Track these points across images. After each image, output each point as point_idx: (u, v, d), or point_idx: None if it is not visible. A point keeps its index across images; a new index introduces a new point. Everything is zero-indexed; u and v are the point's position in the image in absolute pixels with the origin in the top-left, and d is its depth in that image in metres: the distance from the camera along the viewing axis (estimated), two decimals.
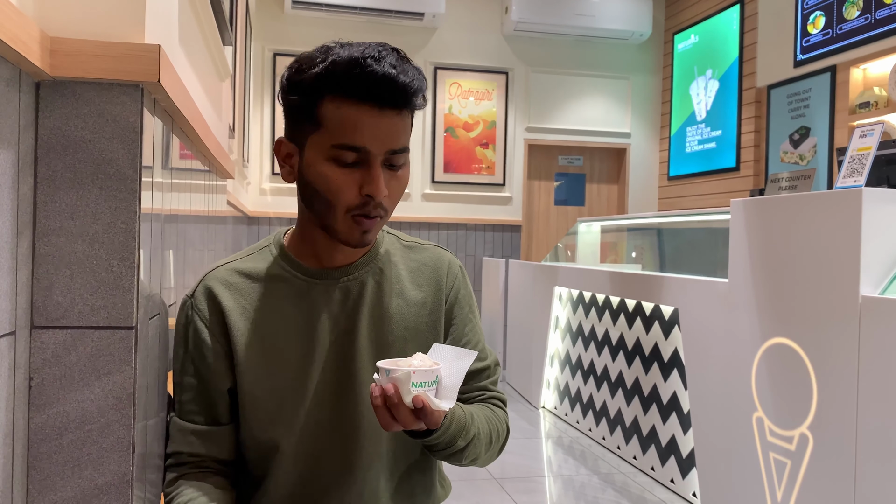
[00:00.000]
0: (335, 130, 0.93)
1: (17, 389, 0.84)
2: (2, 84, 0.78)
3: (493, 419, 1.08)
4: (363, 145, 0.93)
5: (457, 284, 1.12)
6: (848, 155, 2.05)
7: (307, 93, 0.94)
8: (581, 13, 6.11)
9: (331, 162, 0.94)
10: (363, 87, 0.91)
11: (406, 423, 0.87)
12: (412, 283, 1.09)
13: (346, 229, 0.97)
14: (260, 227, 5.85)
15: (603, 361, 3.59)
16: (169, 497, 1.02)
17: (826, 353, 1.96)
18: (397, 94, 0.92)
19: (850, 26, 4.44)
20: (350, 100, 0.92)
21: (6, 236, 0.80)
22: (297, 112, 0.97)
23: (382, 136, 0.93)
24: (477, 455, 1.03)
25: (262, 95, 5.86)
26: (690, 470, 2.78)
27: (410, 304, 1.07)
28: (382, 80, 0.91)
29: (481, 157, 6.33)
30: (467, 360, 0.92)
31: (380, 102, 0.92)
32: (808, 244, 2.04)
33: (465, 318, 1.12)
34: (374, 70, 0.90)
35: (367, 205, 0.94)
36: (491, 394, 1.13)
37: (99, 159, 0.90)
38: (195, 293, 1.05)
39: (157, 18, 1.04)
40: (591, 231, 4.61)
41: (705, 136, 5.94)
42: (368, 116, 0.92)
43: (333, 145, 0.93)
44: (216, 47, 2.21)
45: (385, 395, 0.86)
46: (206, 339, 1.02)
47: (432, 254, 1.13)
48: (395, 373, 0.86)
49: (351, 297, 1.05)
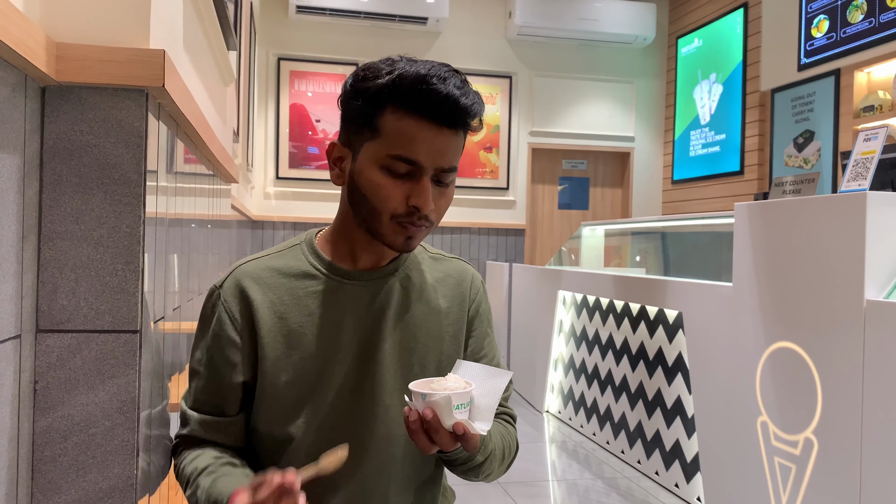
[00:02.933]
0: (392, 141, 0.96)
1: (22, 393, 0.85)
2: (8, 89, 0.79)
3: (506, 436, 1.11)
4: (417, 159, 0.95)
5: (479, 298, 1.15)
6: (852, 159, 2.05)
7: (370, 101, 0.97)
8: (585, 17, 6.11)
9: (383, 170, 0.97)
10: (426, 104, 0.94)
11: (446, 446, 0.88)
12: (437, 292, 1.12)
13: (391, 234, 0.99)
14: (264, 231, 5.87)
15: (607, 365, 3.59)
16: (179, 466, 1.04)
17: (831, 358, 1.96)
18: (457, 115, 0.95)
19: (854, 30, 4.43)
20: (411, 114, 0.95)
21: (11, 240, 0.81)
22: (357, 118, 0.99)
23: (436, 153, 0.96)
24: (491, 471, 1.05)
25: (267, 100, 5.88)
26: (695, 474, 2.77)
27: (435, 312, 1.10)
28: (446, 100, 0.94)
29: (485, 161, 6.33)
30: (502, 379, 0.92)
31: (439, 120, 0.95)
32: (813, 248, 2.04)
33: (484, 331, 1.15)
34: (438, 89, 0.94)
35: (413, 215, 0.97)
36: (503, 409, 1.15)
37: (104, 164, 0.90)
38: (224, 284, 1.05)
39: (162, 24, 1.05)
40: (594, 235, 4.61)
41: (709, 140, 5.94)
42: (426, 132, 0.95)
43: (389, 155, 0.96)
44: (220, 52, 2.22)
45: (423, 419, 0.87)
46: (228, 332, 1.03)
47: (457, 266, 1.16)
48: (432, 397, 0.86)
49: (378, 300, 1.06)
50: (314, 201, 5.95)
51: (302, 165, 5.93)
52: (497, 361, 1.15)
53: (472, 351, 1.13)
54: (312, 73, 5.96)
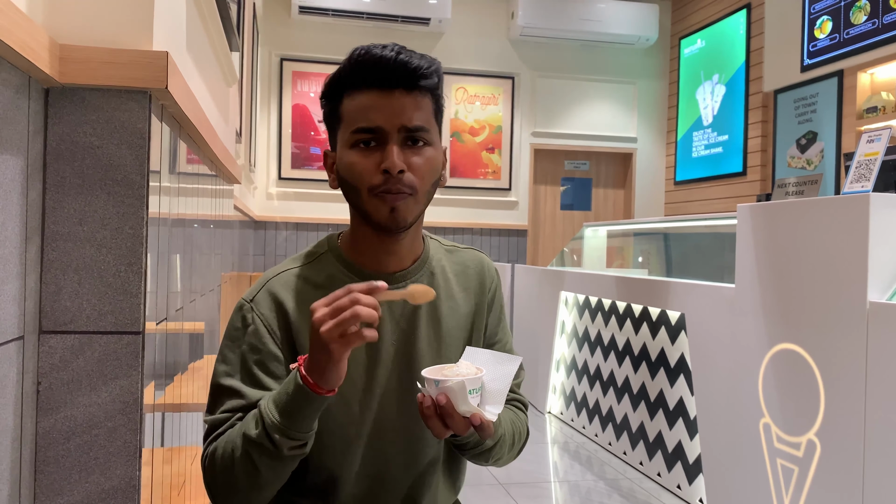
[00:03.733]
0: (351, 119, 0.99)
1: (25, 394, 0.85)
2: (11, 91, 0.79)
3: (516, 421, 1.12)
4: (376, 125, 0.97)
5: (494, 284, 1.17)
6: (855, 160, 2.05)
7: (332, 97, 1.01)
8: (587, 18, 6.11)
9: (353, 150, 0.99)
10: (368, 72, 0.97)
11: (460, 430, 0.90)
12: (458, 285, 1.13)
13: (374, 210, 0.99)
14: (266, 231, 5.87)
15: (609, 366, 3.59)
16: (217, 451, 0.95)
17: (833, 359, 1.95)
18: (399, 73, 0.97)
19: (858, 31, 4.43)
20: (360, 89, 0.98)
21: (15, 241, 0.81)
22: (329, 118, 1.03)
23: (392, 114, 0.97)
24: (501, 455, 1.07)
25: (269, 100, 5.89)
26: (697, 476, 2.77)
27: (460, 305, 1.12)
28: (381, 61, 0.97)
29: (487, 161, 6.33)
30: (512, 365, 0.94)
31: (386, 84, 0.97)
32: (816, 249, 2.04)
33: (498, 317, 1.17)
34: (374, 54, 0.97)
35: (388, 182, 0.97)
36: (514, 395, 1.17)
37: (107, 165, 0.90)
38: (256, 297, 1.02)
39: (165, 25, 1.05)
40: (597, 236, 4.60)
41: (712, 141, 5.93)
42: (377, 98, 0.97)
43: (353, 132, 0.98)
44: (223, 53, 2.22)
45: (437, 405, 0.89)
46: (267, 345, 0.99)
47: (472, 256, 1.17)
48: (445, 383, 0.88)
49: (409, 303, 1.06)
50: (316, 202, 5.95)
51: (304, 166, 5.94)
52: (510, 347, 1.17)
53: (489, 336, 1.15)
54: (315, 73, 5.97)
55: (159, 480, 1.08)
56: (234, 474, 0.93)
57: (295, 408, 0.89)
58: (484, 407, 0.91)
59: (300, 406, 0.89)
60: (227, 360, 1.00)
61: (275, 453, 0.91)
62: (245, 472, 0.93)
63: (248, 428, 0.92)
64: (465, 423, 0.89)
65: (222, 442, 0.95)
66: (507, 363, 0.94)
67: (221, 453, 0.94)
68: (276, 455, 0.91)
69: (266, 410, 0.90)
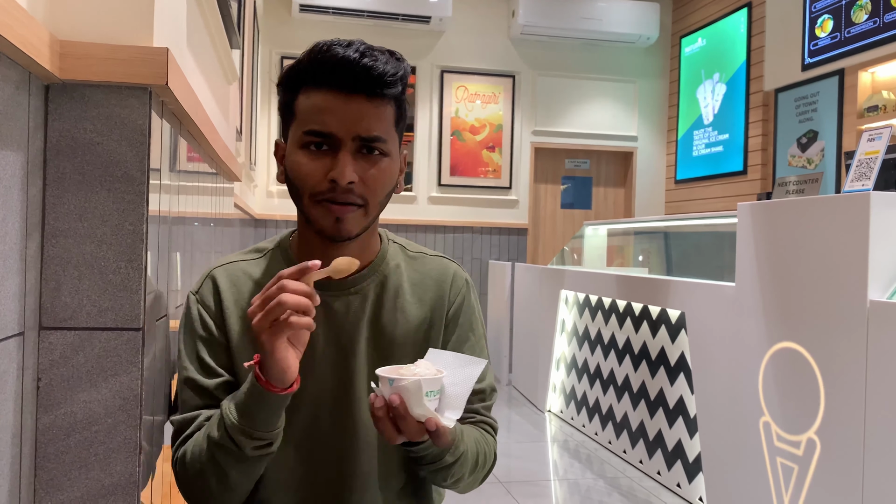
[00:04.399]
0: (305, 118, 0.94)
1: (25, 390, 0.85)
2: (12, 87, 0.79)
3: (482, 443, 1.04)
4: (329, 131, 0.92)
5: (459, 299, 1.07)
6: (856, 159, 2.04)
7: (288, 88, 0.97)
8: (588, 17, 6.10)
9: (303, 150, 0.94)
10: (327, 72, 0.91)
11: (413, 435, 0.84)
12: (413, 296, 1.05)
13: (317, 217, 0.94)
14: (267, 229, 5.87)
15: (609, 365, 3.59)
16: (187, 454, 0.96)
17: (834, 358, 1.95)
18: (361, 78, 0.91)
19: (859, 30, 4.42)
20: (319, 88, 0.93)
21: (15, 238, 0.81)
22: (282, 109, 0.99)
23: (349, 121, 0.91)
24: (461, 475, 0.99)
25: (270, 98, 5.88)
26: (697, 474, 2.77)
27: (411, 320, 1.03)
28: (342, 63, 0.91)
29: (488, 160, 6.33)
30: (475, 368, 0.87)
31: (346, 88, 0.91)
32: (816, 248, 2.04)
33: (462, 336, 1.06)
34: (336, 53, 0.91)
35: (334, 191, 0.92)
36: (482, 418, 1.08)
37: (107, 161, 0.90)
38: (200, 289, 1.03)
39: (166, 22, 1.05)
40: (597, 234, 4.60)
41: (712, 140, 5.93)
42: (335, 101, 0.91)
43: (304, 132, 0.93)
44: (224, 50, 2.22)
45: (389, 406, 0.82)
46: (211, 329, 1.00)
47: (437, 265, 1.09)
48: (400, 382, 0.82)
49: (352, 311, 1.02)
50: None
51: None
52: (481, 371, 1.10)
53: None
54: None
55: (159, 477, 1.08)
56: (205, 477, 0.93)
57: (252, 407, 0.87)
58: (442, 412, 0.84)
59: (257, 405, 0.87)
60: (182, 353, 1.01)
61: (239, 455, 0.90)
62: (214, 475, 0.92)
63: (211, 430, 0.92)
64: (420, 428, 0.83)
65: (190, 445, 0.95)
66: (470, 365, 0.87)
67: (191, 457, 0.94)
68: (241, 456, 0.90)
69: (226, 412, 0.90)
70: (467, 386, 0.86)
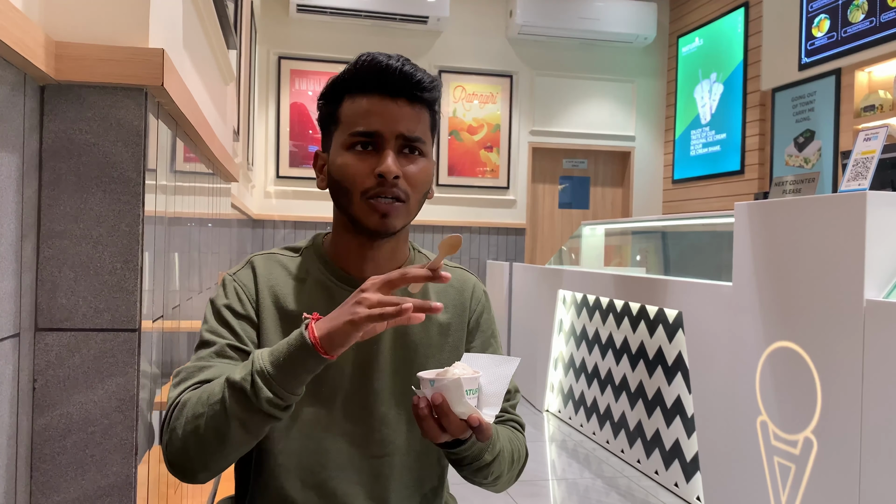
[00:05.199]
0: (350, 121, 0.99)
1: (21, 391, 0.85)
2: (7, 88, 0.79)
3: (515, 440, 1.09)
4: (373, 129, 0.98)
5: (479, 308, 1.15)
6: (852, 158, 2.05)
7: (332, 99, 1.02)
8: (586, 17, 6.11)
9: (348, 152, 1.00)
10: (372, 78, 0.98)
11: (456, 432, 0.88)
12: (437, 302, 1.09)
13: (364, 214, 0.99)
14: (265, 230, 5.87)
15: (607, 365, 3.59)
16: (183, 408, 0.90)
17: (830, 357, 1.96)
18: (404, 83, 0.99)
19: (855, 29, 4.43)
20: (363, 93, 0.99)
21: (11, 239, 0.81)
22: (325, 119, 1.04)
23: (392, 120, 0.98)
24: (500, 472, 1.03)
25: (267, 99, 5.88)
26: (694, 474, 2.77)
27: (434, 325, 1.09)
28: (387, 70, 0.98)
29: (485, 160, 6.33)
30: (509, 366, 0.92)
31: (390, 93, 0.99)
32: (813, 247, 2.04)
33: (486, 342, 1.14)
34: (380, 61, 0.98)
35: (382, 186, 0.98)
36: (510, 416, 1.14)
37: (103, 163, 0.90)
38: (239, 271, 1.05)
39: (162, 22, 1.05)
40: (595, 234, 4.60)
41: (710, 140, 5.94)
42: (378, 104, 0.99)
43: (350, 134, 0.99)
44: (221, 51, 2.22)
45: (432, 405, 0.87)
46: (246, 304, 1.01)
47: (458, 276, 1.15)
48: (441, 382, 0.86)
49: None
50: (315, 200, 5.95)
51: (302, 164, 5.93)
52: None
53: None
54: (313, 72, 5.96)
55: (155, 478, 1.08)
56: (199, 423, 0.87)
57: (289, 362, 0.85)
58: (481, 409, 0.89)
59: (295, 362, 0.85)
60: (207, 321, 1.00)
61: (250, 405, 0.85)
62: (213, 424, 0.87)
63: (231, 373, 0.88)
64: (462, 425, 0.87)
65: (196, 393, 0.90)
66: (504, 364, 0.93)
67: (194, 402, 0.89)
68: (251, 406, 0.85)
69: (258, 358, 0.87)
70: (503, 384, 0.91)
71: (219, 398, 0.87)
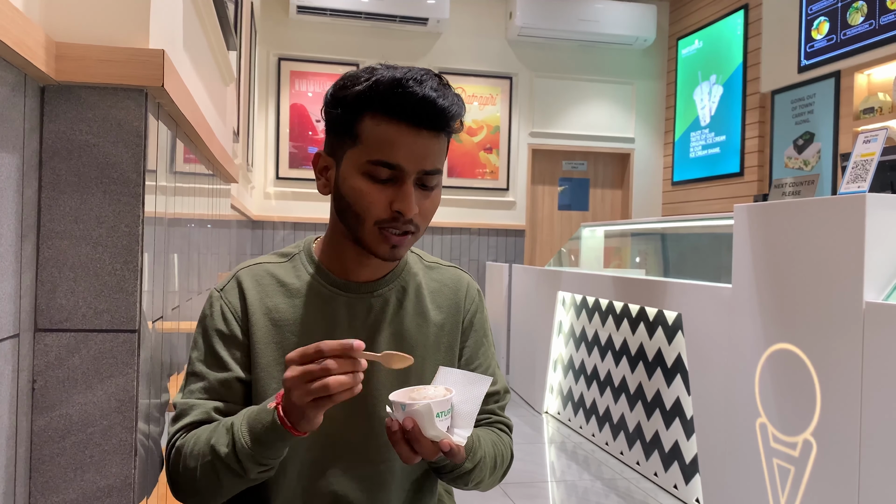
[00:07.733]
0: (372, 147, 0.95)
1: (21, 392, 0.85)
2: (7, 89, 0.79)
3: (499, 444, 1.09)
4: (398, 163, 0.95)
5: (473, 307, 1.14)
6: (851, 160, 2.05)
7: (349, 109, 0.97)
8: (585, 18, 6.11)
9: (365, 177, 0.96)
10: (402, 107, 0.94)
11: (428, 455, 0.88)
12: (432, 303, 1.11)
13: (374, 242, 0.98)
14: (264, 231, 5.87)
15: (606, 366, 3.59)
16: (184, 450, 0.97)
17: (830, 359, 1.96)
18: (435, 117, 0.95)
19: (855, 32, 4.44)
20: (389, 118, 0.94)
21: (10, 239, 0.81)
22: (338, 126, 0.99)
23: (417, 156, 0.95)
24: (482, 479, 1.03)
25: (267, 100, 5.88)
26: (693, 476, 2.77)
27: (430, 324, 1.09)
28: (421, 102, 0.93)
29: (485, 161, 6.33)
30: (482, 386, 0.92)
31: (417, 123, 0.94)
32: (812, 250, 2.04)
33: (478, 341, 1.14)
34: (414, 91, 0.93)
35: (397, 220, 0.96)
36: (497, 418, 1.14)
37: (103, 163, 0.90)
38: (225, 287, 1.06)
39: (162, 23, 1.05)
40: (594, 236, 4.61)
41: (709, 142, 5.94)
42: (405, 136, 0.94)
43: (369, 161, 0.95)
44: (221, 52, 2.22)
45: (403, 429, 0.87)
46: (232, 325, 1.02)
47: (452, 275, 1.15)
48: (412, 406, 0.86)
49: (373, 313, 1.06)
50: (314, 201, 5.95)
51: (302, 165, 5.93)
52: (492, 371, 1.13)
53: (466, 361, 1.12)
54: (313, 73, 5.97)
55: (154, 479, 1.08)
56: (197, 478, 0.95)
57: (268, 440, 0.89)
58: (453, 430, 0.89)
59: (273, 439, 0.89)
60: (197, 345, 1.03)
61: (241, 474, 0.92)
62: (206, 479, 0.94)
63: (218, 442, 0.92)
64: (434, 449, 0.87)
65: (191, 442, 0.96)
66: (478, 384, 0.92)
67: (188, 454, 0.96)
68: (243, 476, 0.92)
69: (239, 435, 0.90)
70: (476, 404, 0.91)
71: (209, 460, 0.93)
